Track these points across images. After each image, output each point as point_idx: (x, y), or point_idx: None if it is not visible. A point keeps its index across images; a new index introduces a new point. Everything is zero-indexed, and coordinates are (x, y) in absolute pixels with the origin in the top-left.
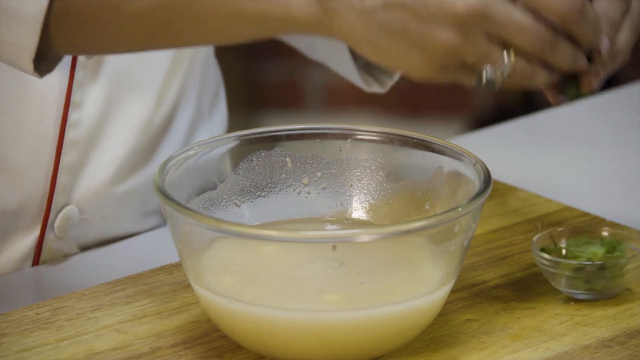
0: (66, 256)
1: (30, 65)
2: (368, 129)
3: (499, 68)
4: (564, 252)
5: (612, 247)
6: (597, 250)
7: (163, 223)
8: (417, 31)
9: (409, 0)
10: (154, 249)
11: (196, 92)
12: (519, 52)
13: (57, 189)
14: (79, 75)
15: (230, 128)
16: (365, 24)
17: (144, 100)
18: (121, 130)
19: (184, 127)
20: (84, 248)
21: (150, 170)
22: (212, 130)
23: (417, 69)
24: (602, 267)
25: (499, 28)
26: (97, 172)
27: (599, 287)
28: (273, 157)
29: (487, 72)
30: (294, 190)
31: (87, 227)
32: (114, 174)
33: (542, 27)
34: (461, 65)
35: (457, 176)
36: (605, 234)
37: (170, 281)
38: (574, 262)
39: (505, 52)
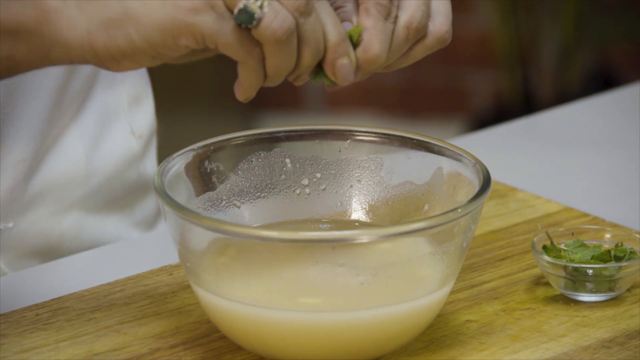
0: None
1: None
2: (367, 129)
3: (254, 1)
4: (563, 253)
5: (606, 252)
6: (592, 254)
7: (85, 216)
8: None
9: None
10: (153, 249)
11: (106, 89)
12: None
13: None
14: None
15: (230, 129)
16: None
17: (40, 101)
18: (20, 134)
19: (93, 124)
20: (15, 265)
21: (57, 169)
22: (132, 127)
23: (181, 7)
24: (596, 272)
25: None
26: (1, 179)
27: (598, 289)
28: (272, 158)
29: (245, 2)
30: (293, 191)
31: (3, 240)
32: (19, 178)
33: None
34: (223, 4)
35: (456, 177)
36: (608, 235)
37: (170, 282)
38: (573, 263)
39: None
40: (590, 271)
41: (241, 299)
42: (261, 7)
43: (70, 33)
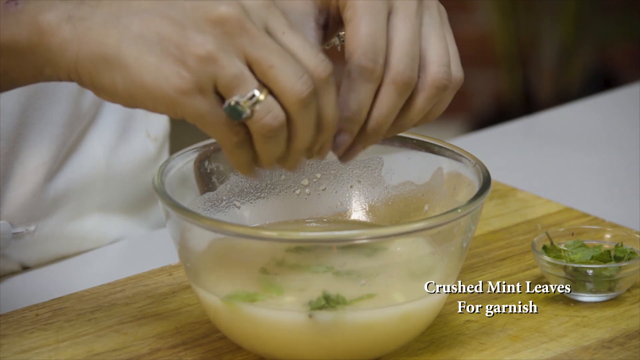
0: (8, 274)
1: None
2: None
3: (247, 99)
4: (563, 253)
5: (606, 252)
6: (592, 254)
7: (102, 222)
8: (172, 37)
9: (165, 9)
10: (153, 249)
11: None
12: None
13: None
14: None
15: None
16: (119, 35)
17: (61, 105)
18: (42, 137)
19: (113, 127)
20: (27, 267)
21: (78, 172)
22: (148, 129)
23: (170, 82)
24: (596, 272)
25: (258, 51)
26: (23, 182)
27: (598, 289)
28: None
29: (236, 98)
30: (293, 191)
31: (25, 243)
32: (40, 181)
33: (306, 78)
34: (213, 90)
35: (456, 177)
36: (608, 236)
37: (170, 282)
38: (573, 264)
39: (258, 86)
40: (590, 271)
41: (240, 299)
42: (253, 106)
43: (61, 55)
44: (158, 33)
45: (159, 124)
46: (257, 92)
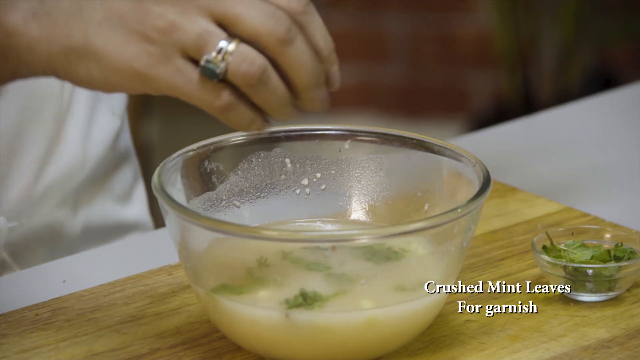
0: (6, 272)
1: None
2: (367, 129)
3: (217, 53)
4: (563, 253)
5: (606, 252)
6: (592, 254)
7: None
8: (133, 15)
9: None
10: (153, 249)
11: None
12: (245, 41)
13: None
14: None
15: (230, 128)
16: (84, 24)
17: (51, 101)
18: (36, 135)
19: (83, 111)
20: (17, 256)
21: (61, 162)
22: (112, 107)
23: (139, 59)
24: (596, 272)
25: (221, 5)
26: (19, 178)
27: (598, 289)
28: (272, 158)
29: (207, 57)
30: (293, 191)
31: (16, 236)
32: (32, 177)
33: (279, 15)
34: (183, 57)
35: (456, 177)
36: (608, 236)
37: (170, 282)
38: (573, 263)
39: (227, 37)
40: (590, 271)
41: (240, 299)
42: (224, 58)
43: (32, 54)
44: (119, 14)
45: (120, 99)
46: (224, 44)
